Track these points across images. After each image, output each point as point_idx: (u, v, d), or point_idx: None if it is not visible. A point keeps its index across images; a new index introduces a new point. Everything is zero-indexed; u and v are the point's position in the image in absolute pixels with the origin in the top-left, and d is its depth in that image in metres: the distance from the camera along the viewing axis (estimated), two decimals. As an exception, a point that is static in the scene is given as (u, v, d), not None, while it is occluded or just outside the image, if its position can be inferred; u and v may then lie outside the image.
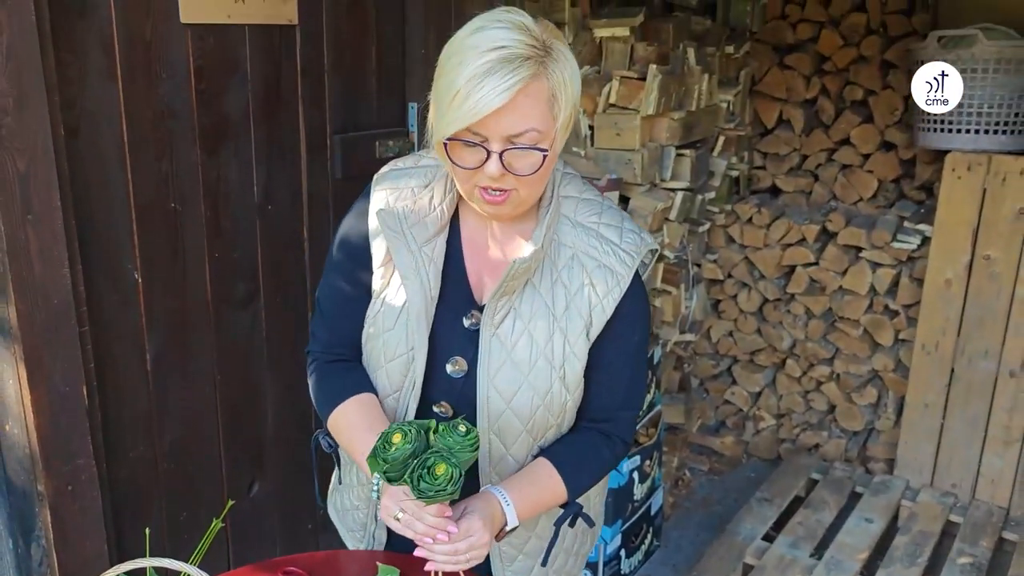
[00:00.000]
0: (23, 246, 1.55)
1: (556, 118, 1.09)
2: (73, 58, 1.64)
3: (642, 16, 2.63)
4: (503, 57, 1.03)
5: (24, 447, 1.67)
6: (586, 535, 1.46)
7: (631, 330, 1.24)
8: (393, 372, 1.25)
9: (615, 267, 1.20)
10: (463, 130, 1.06)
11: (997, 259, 2.69)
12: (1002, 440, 2.80)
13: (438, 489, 1.04)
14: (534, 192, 1.15)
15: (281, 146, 2.10)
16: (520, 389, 1.20)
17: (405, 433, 1.06)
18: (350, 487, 1.46)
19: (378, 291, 1.27)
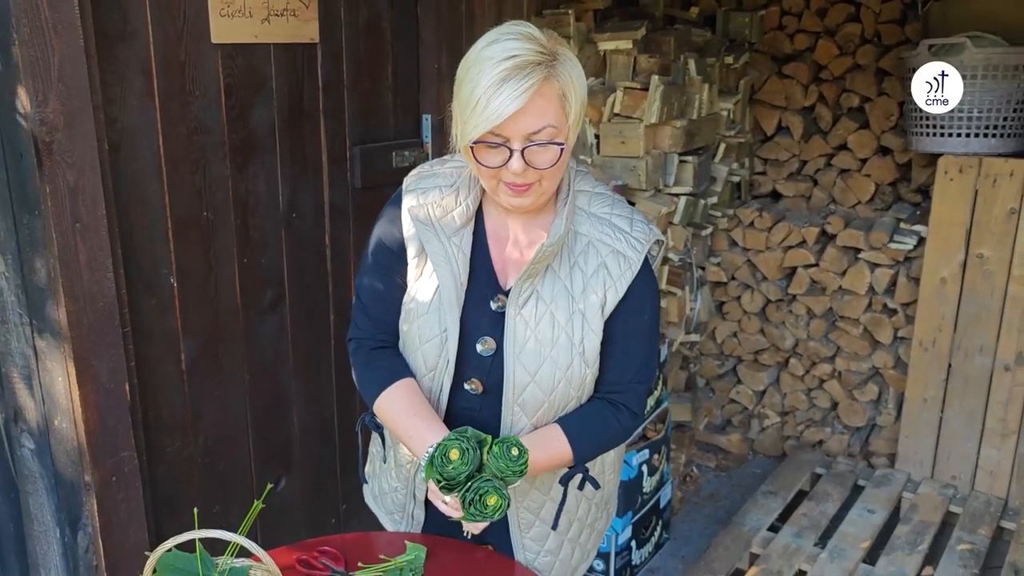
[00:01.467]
0: (73, 253, 1.67)
1: (568, 114, 1.23)
2: (115, 79, 1.77)
3: (644, 29, 2.75)
4: (516, 65, 1.16)
5: (72, 440, 1.79)
6: (600, 510, 1.56)
7: (642, 309, 1.36)
8: (428, 353, 1.37)
9: (627, 252, 1.32)
10: (486, 133, 1.19)
11: (990, 257, 2.80)
12: (999, 433, 2.90)
13: (486, 515, 1.19)
14: (554, 183, 1.28)
15: (304, 158, 2.23)
16: (543, 364, 1.32)
17: (463, 452, 1.19)
18: (388, 471, 1.56)
19: (412, 281, 1.39)
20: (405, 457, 1.50)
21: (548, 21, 2.82)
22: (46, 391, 1.79)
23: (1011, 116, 2.71)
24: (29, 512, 1.95)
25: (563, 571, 1.51)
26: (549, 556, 1.48)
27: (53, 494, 1.89)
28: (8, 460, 1.98)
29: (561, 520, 1.45)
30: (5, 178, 1.66)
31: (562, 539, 1.48)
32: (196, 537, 1.31)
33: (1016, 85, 2.69)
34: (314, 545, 1.54)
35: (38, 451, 1.87)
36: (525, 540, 1.46)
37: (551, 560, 1.48)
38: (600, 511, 1.56)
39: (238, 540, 1.27)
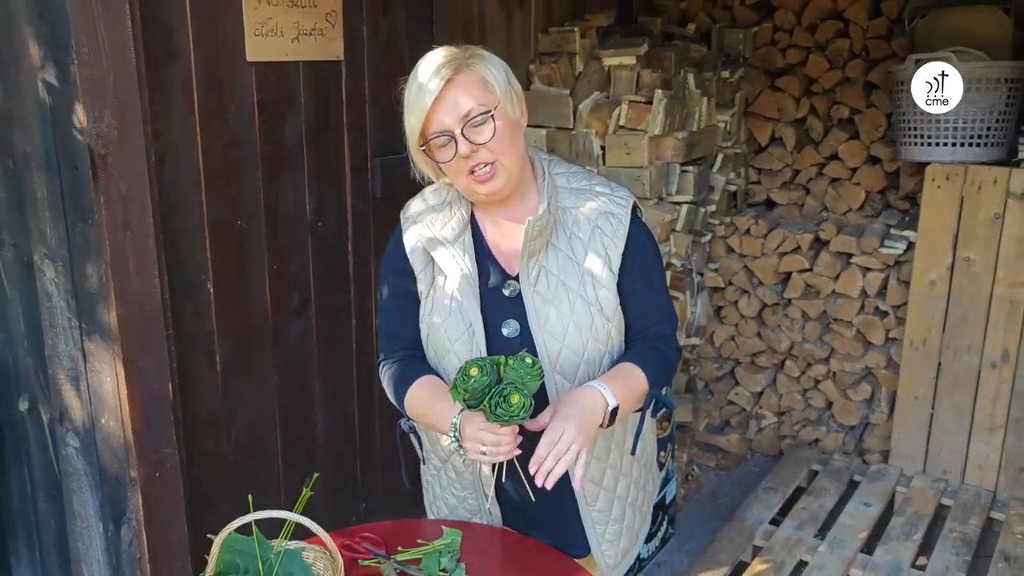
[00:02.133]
0: (123, 259, 1.77)
1: (494, 93, 1.40)
2: (161, 96, 1.88)
3: (646, 45, 2.89)
4: (430, 71, 1.38)
5: (119, 438, 1.88)
6: (649, 473, 1.69)
7: (644, 257, 1.50)
8: (460, 351, 1.48)
9: (614, 211, 1.47)
10: (425, 129, 1.38)
11: (976, 260, 2.94)
12: (987, 428, 3.04)
13: (512, 414, 1.27)
14: (513, 159, 1.42)
15: (329, 170, 2.34)
16: (568, 329, 1.45)
17: (481, 367, 1.30)
18: (449, 487, 1.66)
19: (425, 292, 1.53)
20: (463, 463, 1.60)
21: (554, 38, 2.95)
22: (93, 391, 1.89)
23: (994, 126, 2.86)
24: (72, 509, 2.04)
25: (629, 538, 1.63)
26: (616, 524, 1.59)
27: (97, 490, 1.98)
28: (52, 459, 2.07)
29: (619, 483, 1.57)
30: (59, 189, 1.77)
31: (623, 504, 1.60)
32: (253, 519, 1.41)
33: (998, 97, 2.84)
34: (355, 531, 1.65)
35: (83, 449, 1.97)
36: (593, 513, 1.57)
37: (618, 528, 1.60)
38: (647, 473, 1.69)
39: (299, 519, 1.38)
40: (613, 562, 1.61)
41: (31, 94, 1.73)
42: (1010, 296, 2.89)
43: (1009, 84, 2.83)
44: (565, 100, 2.87)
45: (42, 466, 2.11)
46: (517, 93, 1.45)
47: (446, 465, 1.65)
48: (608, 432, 1.53)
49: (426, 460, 1.68)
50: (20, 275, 1.95)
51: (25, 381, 2.06)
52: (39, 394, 2.04)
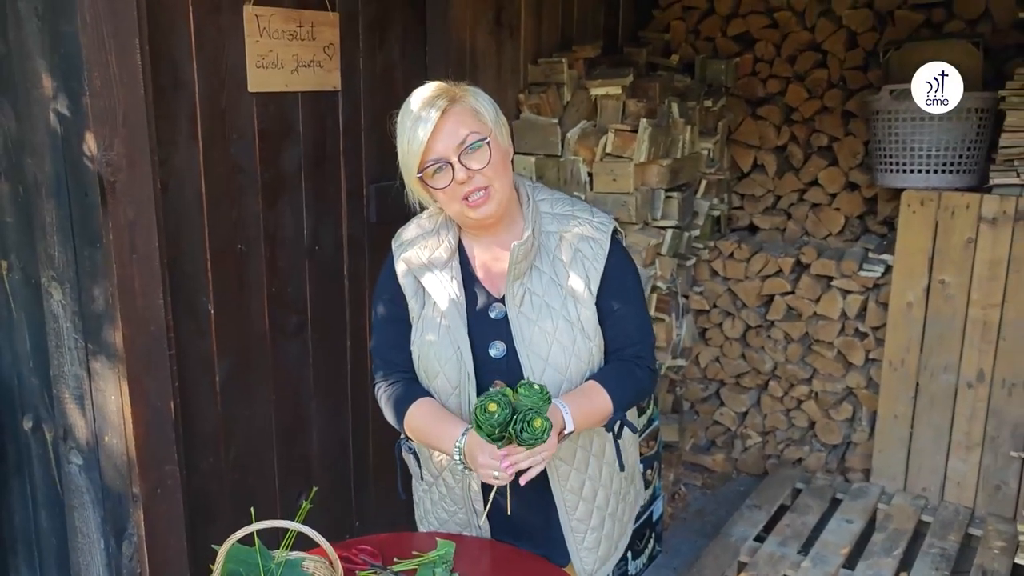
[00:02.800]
0: (130, 281, 1.84)
1: (485, 122, 1.48)
2: (167, 124, 1.96)
3: (632, 76, 3.00)
4: (423, 104, 1.46)
5: (122, 455, 1.94)
6: (629, 484, 1.76)
7: (624, 278, 1.59)
8: (450, 372, 1.56)
9: (594, 235, 1.56)
10: (422, 160, 1.46)
11: (951, 283, 3.04)
12: (964, 446, 3.12)
13: (537, 437, 1.37)
14: (505, 184, 1.51)
15: (326, 195, 2.42)
16: (552, 348, 1.53)
17: (497, 402, 1.38)
18: (440, 502, 1.73)
19: (416, 317, 1.61)
20: (453, 479, 1.68)
21: (543, 69, 3.06)
22: (98, 410, 1.95)
23: (966, 154, 2.98)
24: (74, 525, 2.09)
25: (608, 546, 1.70)
26: (595, 533, 1.67)
27: (99, 507, 2.03)
28: (55, 477, 2.12)
29: (598, 493, 1.64)
30: (68, 214, 1.84)
31: (603, 514, 1.67)
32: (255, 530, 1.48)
33: (969, 126, 2.96)
34: (352, 544, 1.71)
35: (86, 467, 2.02)
36: (573, 522, 1.64)
37: (597, 536, 1.67)
38: (629, 485, 1.76)
39: (302, 529, 1.44)
40: (591, 569, 1.68)
41: (43, 123, 1.81)
42: (984, 317, 2.99)
43: (979, 114, 2.95)
44: (553, 128, 2.97)
45: (45, 484, 2.16)
46: (505, 124, 1.55)
47: (437, 480, 1.72)
48: (587, 444, 1.62)
49: (422, 477, 1.75)
50: (27, 297, 2.02)
51: (30, 400, 2.11)
52: (43, 413, 2.09)
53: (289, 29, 2.20)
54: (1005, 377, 3.00)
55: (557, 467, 1.60)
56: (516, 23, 3.00)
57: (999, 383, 3.01)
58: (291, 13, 2.21)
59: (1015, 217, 2.88)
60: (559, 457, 1.59)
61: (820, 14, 3.46)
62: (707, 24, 3.70)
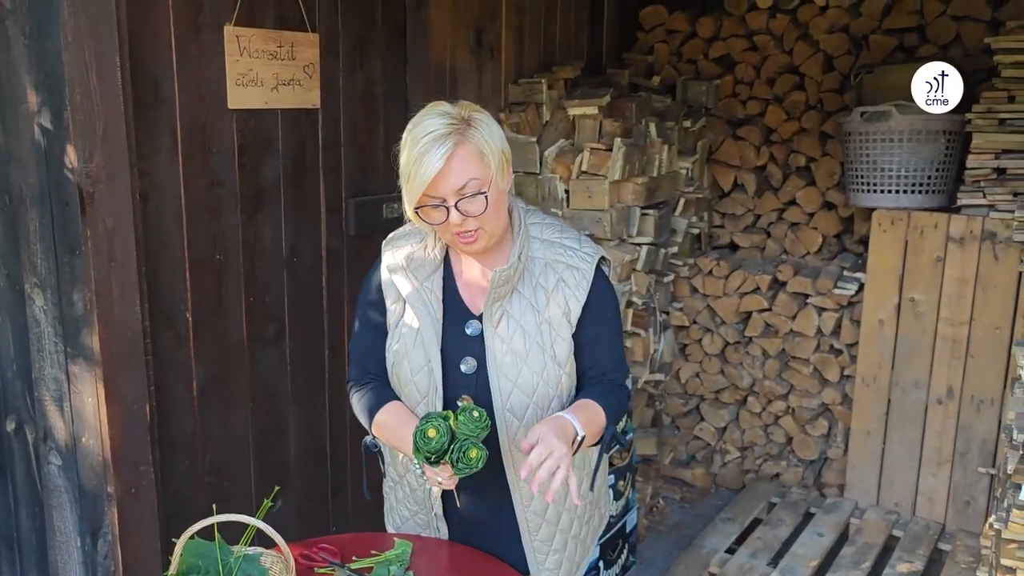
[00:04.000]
0: (107, 288, 1.92)
1: (488, 166, 1.47)
2: (147, 138, 2.05)
3: (609, 97, 3.08)
4: (433, 138, 1.43)
5: (98, 455, 2.01)
6: (593, 508, 1.78)
7: (605, 310, 1.62)
8: (420, 382, 1.62)
9: (580, 265, 1.58)
10: (422, 196, 1.47)
11: (921, 301, 3.11)
12: (935, 462, 3.17)
13: (471, 467, 1.43)
14: (497, 225, 1.54)
15: (305, 209, 2.51)
16: (522, 371, 1.56)
17: (436, 427, 1.44)
18: (403, 501, 1.79)
19: (393, 325, 1.66)
20: (416, 482, 1.73)
21: (523, 89, 3.15)
22: (76, 411, 2.02)
23: (934, 175, 3.05)
24: (52, 524, 2.16)
25: (569, 567, 1.73)
26: (557, 555, 1.70)
27: (76, 506, 2.10)
28: (35, 477, 2.20)
29: (563, 518, 1.67)
30: (50, 223, 1.93)
31: (566, 536, 1.70)
32: (215, 522, 1.55)
33: (938, 148, 3.03)
34: (315, 543, 1.77)
35: (64, 467, 2.10)
36: (535, 543, 1.68)
37: (559, 558, 1.70)
38: (593, 509, 1.79)
39: (256, 524, 1.51)
40: None
41: (28, 136, 1.90)
42: (953, 335, 3.05)
43: (948, 136, 3.02)
44: (532, 147, 3.06)
45: (26, 484, 2.24)
46: (507, 157, 1.53)
47: (402, 480, 1.78)
48: None
49: (386, 474, 1.81)
50: (12, 303, 2.10)
51: (12, 403, 2.19)
52: (25, 415, 2.17)
53: (269, 49, 2.30)
54: (974, 394, 3.05)
55: (522, 489, 1.63)
56: (497, 44, 3.10)
57: (968, 400, 3.07)
58: (271, 34, 2.30)
59: (982, 236, 2.95)
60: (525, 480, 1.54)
61: (798, 38, 3.55)
62: (689, 47, 3.79)
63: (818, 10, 3.49)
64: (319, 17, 2.45)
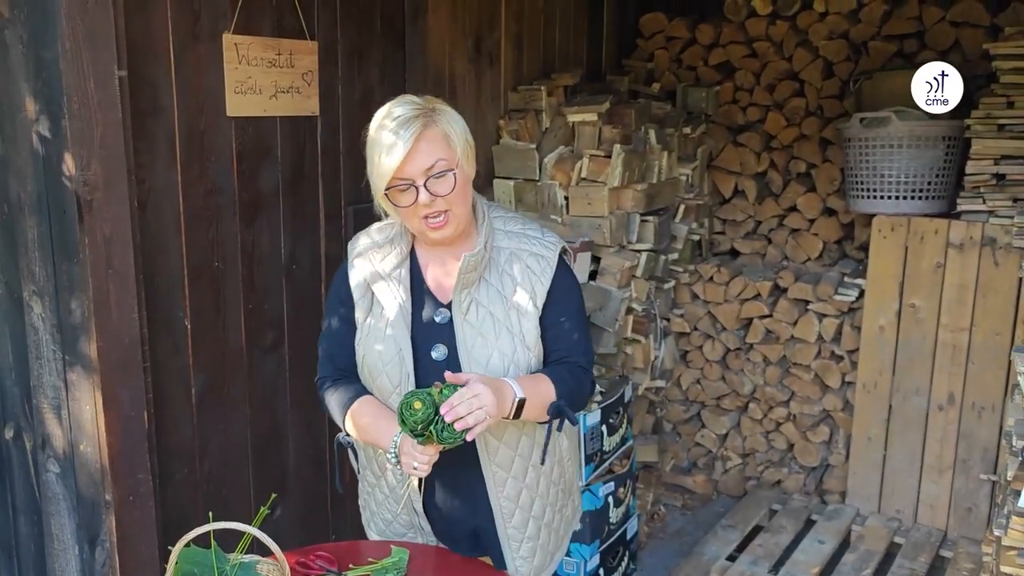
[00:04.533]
0: (105, 296, 1.93)
1: (455, 149, 1.55)
2: (145, 147, 2.06)
3: (608, 103, 3.09)
4: (400, 123, 1.51)
5: (96, 463, 2.01)
6: (566, 496, 1.81)
7: (568, 295, 1.67)
8: (392, 372, 1.64)
9: (543, 253, 1.65)
10: (392, 179, 1.52)
11: (921, 307, 3.10)
12: (936, 469, 3.16)
13: (456, 437, 1.45)
14: (464, 209, 1.59)
15: (304, 216, 2.51)
16: (492, 356, 1.61)
17: (422, 400, 1.46)
18: (384, 504, 1.80)
19: (362, 320, 1.69)
20: (394, 480, 1.75)
21: (522, 96, 3.15)
22: (74, 419, 2.02)
23: (934, 181, 3.05)
24: (50, 532, 2.16)
25: (543, 557, 1.76)
26: (531, 542, 1.73)
27: (74, 513, 2.10)
28: (34, 484, 2.20)
29: (535, 503, 1.71)
30: (48, 231, 1.93)
31: (539, 523, 1.73)
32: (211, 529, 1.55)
33: (938, 154, 3.03)
34: (311, 550, 1.77)
35: (62, 475, 2.09)
36: (509, 529, 1.70)
37: (532, 546, 1.73)
38: (566, 498, 1.82)
39: (252, 531, 1.51)
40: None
41: (26, 144, 1.91)
42: (953, 341, 3.04)
43: (947, 141, 3.02)
44: (532, 154, 3.06)
45: (24, 491, 2.24)
46: (472, 148, 1.62)
47: (380, 481, 1.79)
48: (525, 453, 1.68)
49: (361, 476, 1.82)
50: (10, 310, 2.10)
51: (11, 410, 2.19)
52: (24, 422, 2.17)
53: (268, 57, 2.30)
54: (975, 400, 3.04)
55: (495, 474, 1.67)
56: (496, 52, 3.10)
57: (969, 406, 3.05)
58: (270, 41, 2.31)
59: (982, 242, 2.95)
60: (497, 464, 1.66)
61: (797, 44, 3.55)
62: (689, 53, 3.79)
63: (817, 16, 3.49)
64: (318, 25, 2.46)
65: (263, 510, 1.68)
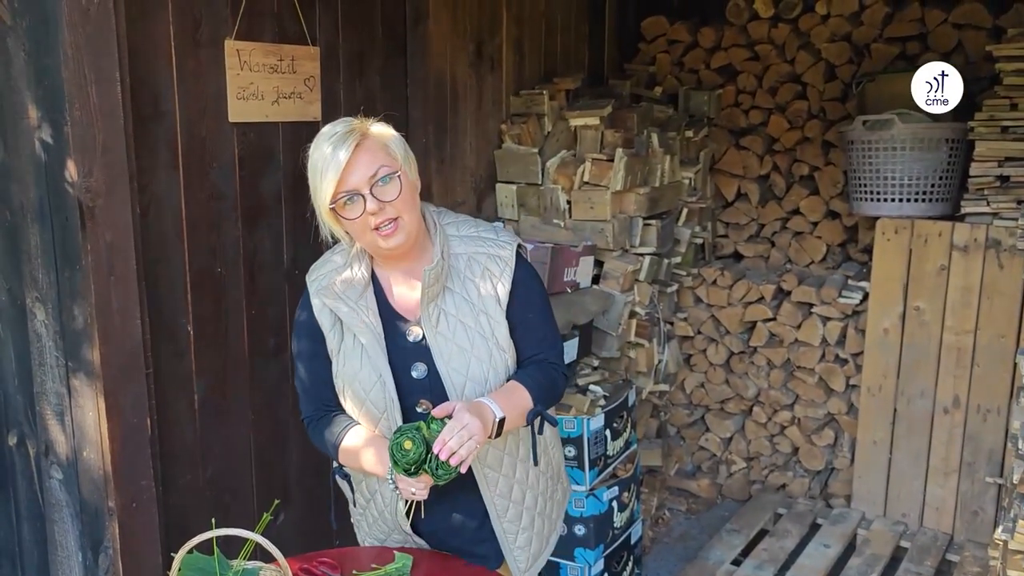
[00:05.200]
0: (107, 302, 1.92)
1: (395, 156, 1.57)
2: (147, 153, 2.06)
3: (610, 107, 3.09)
4: (338, 137, 1.53)
5: (99, 469, 2.01)
6: (555, 483, 1.83)
7: (531, 291, 1.68)
8: (375, 399, 1.64)
9: (500, 253, 1.65)
10: (336, 192, 1.53)
11: (925, 309, 3.09)
12: (942, 472, 3.15)
13: (451, 473, 1.46)
14: (412, 216, 1.58)
15: (306, 221, 2.50)
16: (470, 363, 1.61)
17: (411, 438, 1.47)
18: (376, 523, 1.81)
19: (335, 350, 1.68)
20: (383, 502, 1.76)
21: (524, 100, 3.15)
22: (77, 425, 2.02)
23: (937, 183, 3.04)
24: (54, 539, 2.16)
25: (540, 543, 1.79)
26: (526, 532, 1.75)
27: (77, 520, 2.10)
28: (37, 491, 2.20)
29: (526, 495, 1.72)
30: (51, 237, 1.93)
31: (532, 514, 1.75)
32: (214, 536, 1.54)
33: (941, 156, 3.02)
34: (314, 556, 1.77)
35: (66, 481, 2.09)
36: (504, 524, 1.72)
37: (528, 536, 1.75)
38: (555, 484, 1.84)
39: (254, 538, 1.51)
40: (524, 566, 1.76)
41: (28, 150, 1.91)
42: (957, 344, 3.03)
43: (950, 144, 3.01)
44: (533, 158, 3.06)
45: (28, 498, 2.23)
46: (413, 160, 1.64)
47: (369, 504, 1.80)
48: (513, 450, 1.70)
49: (354, 501, 1.82)
50: (13, 317, 2.10)
51: (15, 417, 2.19)
52: (27, 429, 2.17)
53: (270, 63, 2.31)
54: (980, 403, 3.03)
55: (486, 475, 1.69)
56: (498, 56, 3.10)
57: (974, 409, 3.04)
58: (272, 47, 2.31)
59: (986, 245, 2.94)
60: (487, 465, 1.68)
61: (799, 47, 3.55)
62: (691, 57, 3.79)
63: (819, 19, 3.49)
64: (319, 30, 2.46)
65: (266, 516, 1.68)
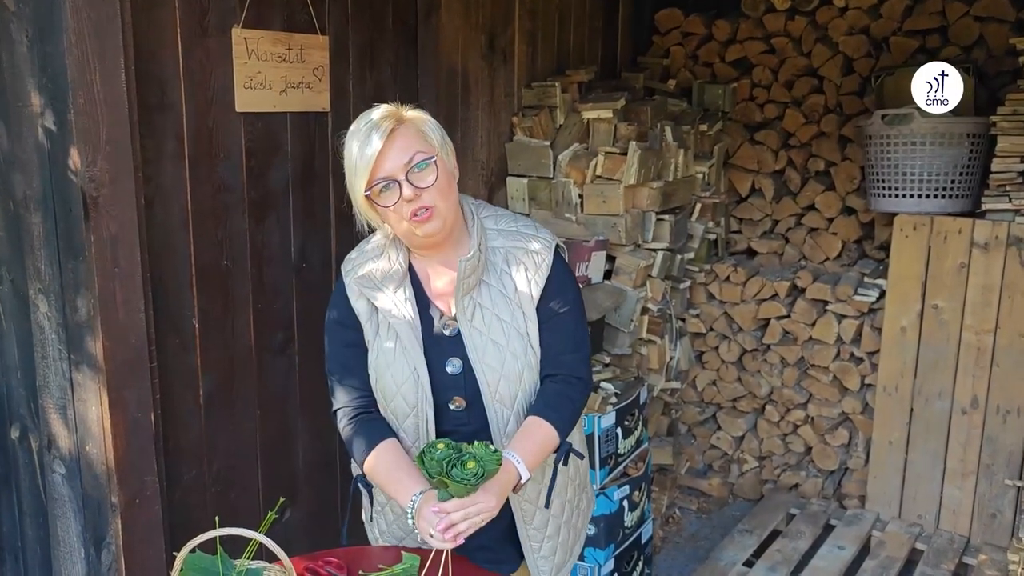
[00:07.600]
0: (111, 295, 1.89)
1: (432, 142, 1.52)
2: (152, 143, 2.02)
3: (623, 100, 3.03)
4: (372, 125, 1.50)
5: (101, 464, 1.98)
6: (581, 490, 1.78)
7: (564, 291, 1.62)
8: (407, 392, 1.60)
9: (538, 250, 1.60)
10: (372, 179, 1.49)
11: (944, 308, 3.03)
12: (960, 473, 3.09)
13: (465, 479, 1.39)
14: (450, 204, 1.53)
15: (314, 214, 2.47)
16: (506, 359, 1.57)
17: (447, 444, 1.42)
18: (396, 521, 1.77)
19: (371, 341, 1.64)
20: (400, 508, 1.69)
21: (536, 93, 3.10)
22: (80, 419, 1.99)
23: (958, 179, 2.97)
24: (56, 534, 2.13)
25: (564, 554, 1.74)
26: (551, 541, 1.70)
27: (80, 515, 2.07)
28: (40, 486, 2.16)
29: (553, 502, 1.66)
30: (54, 228, 1.89)
31: (558, 522, 1.70)
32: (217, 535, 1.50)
33: (962, 151, 2.96)
34: (320, 556, 1.73)
35: (68, 476, 2.06)
36: (529, 531, 1.67)
37: (553, 545, 1.70)
38: (581, 492, 1.79)
39: (258, 537, 1.47)
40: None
41: (31, 140, 1.87)
42: (977, 343, 2.97)
43: (971, 139, 2.95)
44: (546, 151, 3.01)
45: (31, 493, 2.21)
46: (451, 148, 1.58)
47: (385, 508, 1.77)
48: None
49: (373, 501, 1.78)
50: (16, 309, 2.07)
51: (17, 410, 2.16)
52: (30, 423, 2.14)
53: (278, 52, 2.26)
54: (999, 404, 2.97)
55: None
56: (510, 49, 3.05)
57: (993, 410, 2.98)
58: (280, 36, 2.27)
59: (1007, 242, 2.87)
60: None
61: (816, 40, 3.49)
62: (705, 50, 3.73)
63: (837, 12, 3.42)
64: (328, 20, 2.41)
65: (270, 515, 1.64)
